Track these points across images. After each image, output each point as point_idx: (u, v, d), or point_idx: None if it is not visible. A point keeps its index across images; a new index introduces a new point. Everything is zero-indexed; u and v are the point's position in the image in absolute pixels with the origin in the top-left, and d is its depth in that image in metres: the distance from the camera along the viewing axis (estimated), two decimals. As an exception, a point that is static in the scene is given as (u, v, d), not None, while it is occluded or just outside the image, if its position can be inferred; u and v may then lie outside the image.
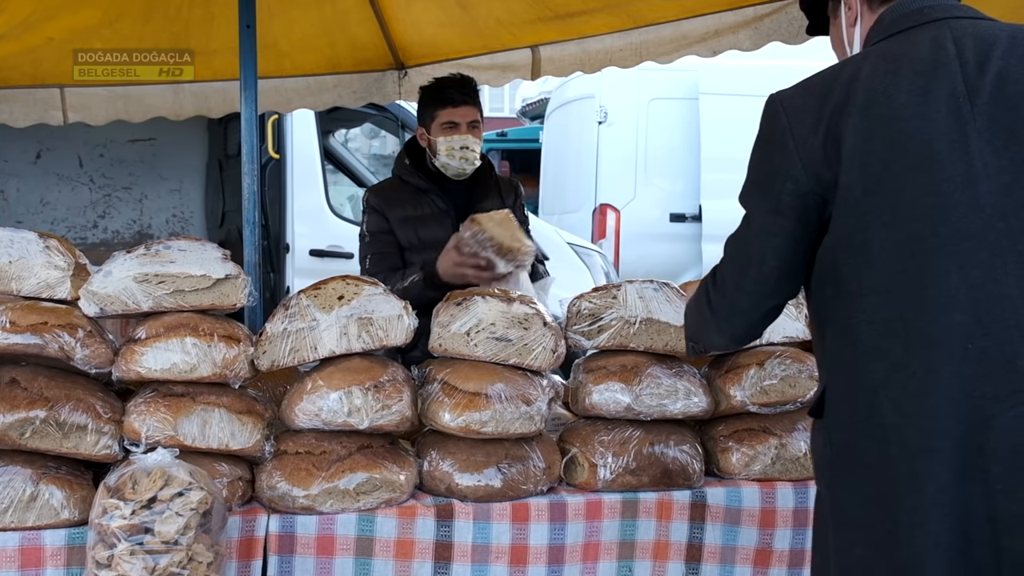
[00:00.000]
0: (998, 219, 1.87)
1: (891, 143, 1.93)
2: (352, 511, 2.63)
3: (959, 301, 1.87)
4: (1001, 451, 1.84)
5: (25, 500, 2.47)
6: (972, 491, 1.86)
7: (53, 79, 5.03)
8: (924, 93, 1.93)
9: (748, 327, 2.24)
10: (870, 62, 2.01)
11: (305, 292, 2.74)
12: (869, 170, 1.94)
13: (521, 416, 2.70)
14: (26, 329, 2.53)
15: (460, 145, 3.84)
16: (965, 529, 1.86)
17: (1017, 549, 1.84)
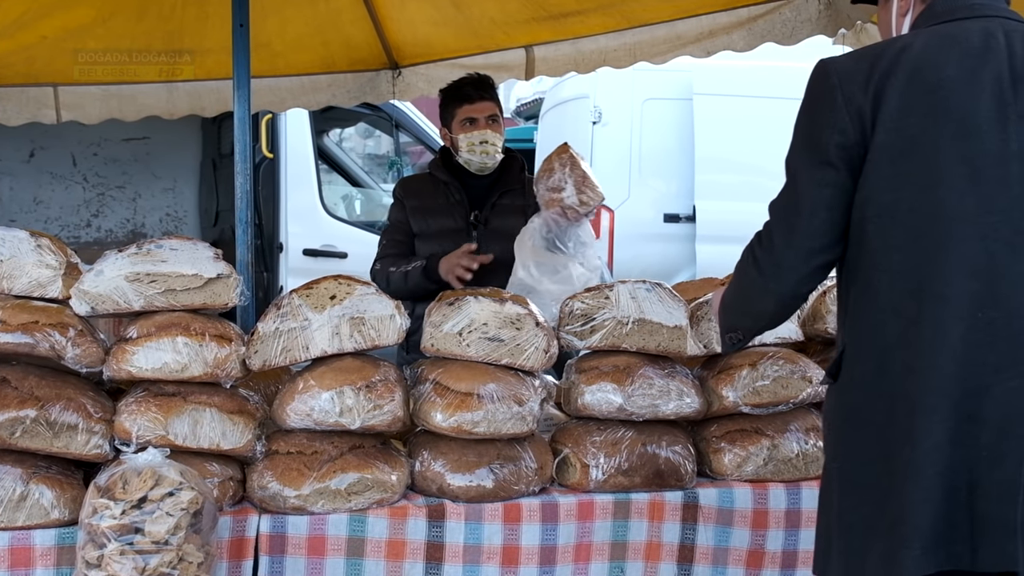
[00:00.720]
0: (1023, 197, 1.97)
1: (932, 110, 2.01)
2: (343, 511, 2.62)
3: (977, 270, 1.96)
4: (992, 419, 1.92)
5: (15, 500, 2.47)
6: (959, 454, 1.94)
7: (46, 78, 5.01)
8: (971, 71, 2.01)
9: (797, 285, 2.20)
10: (923, 38, 2.09)
11: (297, 292, 2.73)
12: (907, 133, 2.01)
13: (513, 416, 2.69)
14: (17, 328, 2.52)
15: (480, 140, 3.96)
16: (951, 488, 1.94)
17: (992, 514, 1.92)
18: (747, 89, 8.40)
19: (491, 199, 4.06)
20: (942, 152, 1.99)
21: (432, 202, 4.08)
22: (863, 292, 2.09)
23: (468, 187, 4.07)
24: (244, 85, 3.95)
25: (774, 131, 8.38)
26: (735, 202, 8.41)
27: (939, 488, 1.94)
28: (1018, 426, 1.92)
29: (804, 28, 4.53)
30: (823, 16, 4.48)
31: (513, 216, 3.96)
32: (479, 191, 4.07)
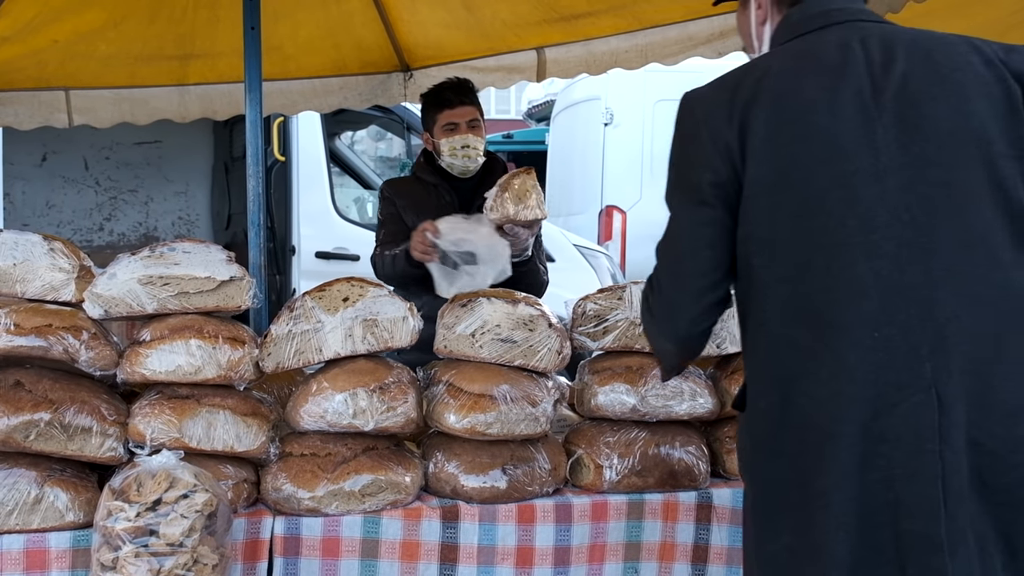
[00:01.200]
0: (903, 211, 1.92)
1: (799, 137, 1.98)
2: (357, 513, 2.62)
3: (866, 291, 1.92)
4: (904, 436, 1.88)
5: (30, 502, 2.47)
6: (873, 476, 1.90)
7: (58, 81, 5.02)
8: (832, 90, 1.98)
9: (690, 326, 2.15)
10: (779, 60, 2.07)
11: (310, 294, 2.73)
12: (778, 163, 1.98)
13: (527, 417, 2.69)
14: (31, 331, 2.53)
15: (461, 144, 3.96)
16: (866, 513, 1.90)
17: (916, 531, 1.88)
18: (758, 90, 8.39)
19: (476, 201, 3.97)
20: (815, 179, 1.96)
21: (423, 203, 4.05)
22: (758, 326, 2.05)
23: (454, 189, 4.07)
24: (256, 88, 3.96)
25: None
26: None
27: (853, 515, 1.91)
28: (927, 441, 1.87)
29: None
30: (835, 16, 4.47)
31: None
32: (465, 193, 4.07)
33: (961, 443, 1.87)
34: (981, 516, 1.89)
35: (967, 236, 1.92)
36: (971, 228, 1.92)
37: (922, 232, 1.92)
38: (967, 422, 1.87)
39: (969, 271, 1.92)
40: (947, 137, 1.94)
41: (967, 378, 1.88)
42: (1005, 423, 1.88)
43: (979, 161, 1.94)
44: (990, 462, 1.88)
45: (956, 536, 1.87)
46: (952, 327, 1.89)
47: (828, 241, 1.95)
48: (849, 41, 2.02)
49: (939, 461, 1.86)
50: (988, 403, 1.88)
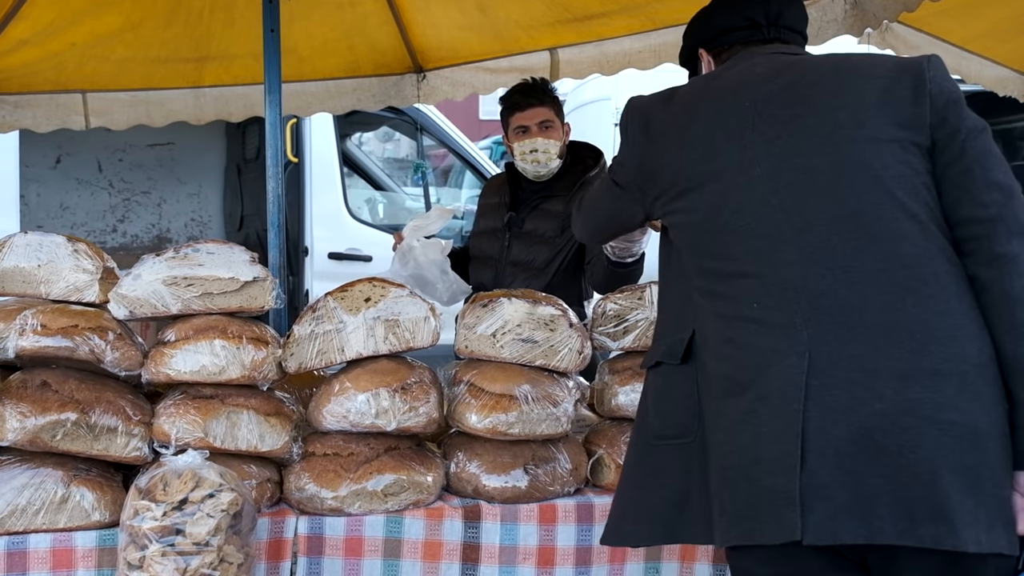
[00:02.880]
0: (771, 195, 2.14)
1: (685, 145, 2.28)
2: (380, 512, 2.64)
3: (747, 268, 2.14)
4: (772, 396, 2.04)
5: (56, 502, 2.49)
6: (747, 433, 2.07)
7: (75, 84, 5.04)
8: (723, 103, 2.27)
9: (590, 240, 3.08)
10: (691, 83, 2.44)
11: (332, 294, 2.75)
12: (677, 173, 2.30)
13: (548, 417, 2.70)
14: (57, 332, 2.55)
15: (530, 148, 3.96)
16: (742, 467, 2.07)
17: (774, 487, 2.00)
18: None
19: (533, 201, 4.05)
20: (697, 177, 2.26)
21: (489, 201, 4.21)
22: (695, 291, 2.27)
23: (524, 189, 4.10)
24: (275, 90, 3.98)
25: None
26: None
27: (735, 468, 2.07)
28: (793, 401, 1.98)
29: (830, 28, 4.52)
30: (849, 16, 4.46)
31: (550, 219, 3.97)
32: (528, 193, 4.09)
33: (838, 405, 1.97)
34: (872, 478, 1.95)
35: (837, 212, 2.08)
36: (841, 205, 2.09)
37: (792, 213, 2.12)
38: (850, 383, 1.98)
39: (840, 246, 2.07)
40: (810, 130, 2.16)
41: (849, 345, 2.00)
42: (894, 386, 1.97)
43: (844, 147, 2.12)
44: (880, 423, 1.95)
45: (814, 493, 1.95)
46: (827, 299, 2.04)
47: (715, 227, 2.21)
48: (753, 64, 2.31)
49: (800, 420, 1.98)
50: (875, 367, 1.98)
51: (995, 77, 5.23)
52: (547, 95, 4.06)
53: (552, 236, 3.97)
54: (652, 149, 2.35)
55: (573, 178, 4.05)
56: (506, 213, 4.08)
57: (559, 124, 4.04)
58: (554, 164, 3.97)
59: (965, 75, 5.18)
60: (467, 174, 10.26)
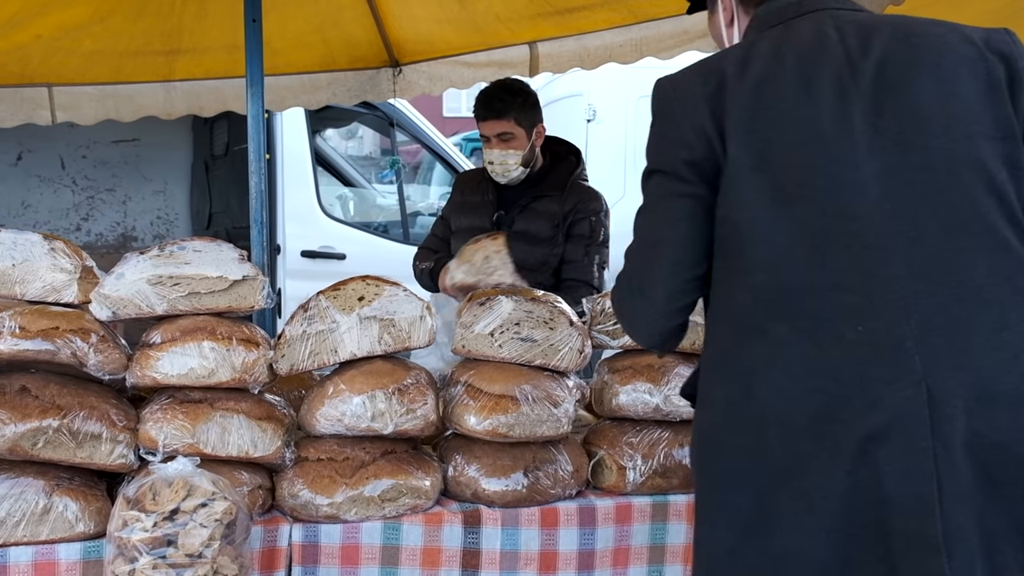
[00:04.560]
0: (884, 199, 1.85)
1: (777, 122, 1.91)
2: (377, 519, 2.54)
3: (849, 282, 1.84)
4: (892, 434, 1.79)
5: (38, 513, 2.36)
6: (862, 475, 1.81)
7: (41, 78, 4.91)
8: (809, 75, 1.92)
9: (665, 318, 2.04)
10: (756, 47, 1.99)
11: (324, 293, 2.65)
12: (756, 147, 1.91)
13: (549, 418, 2.62)
14: (37, 334, 2.43)
15: (489, 160, 3.96)
16: (852, 513, 1.82)
17: (910, 531, 1.80)
18: (742, 85, 8.37)
19: (523, 201, 3.99)
20: (793, 165, 1.89)
21: (471, 198, 4.11)
22: (726, 311, 1.96)
23: (510, 188, 4.03)
24: (257, 82, 3.88)
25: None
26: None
27: (837, 515, 1.82)
28: (920, 439, 1.78)
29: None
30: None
31: (542, 220, 3.93)
32: (515, 192, 4.03)
33: (959, 438, 1.79)
34: (991, 512, 1.82)
35: (952, 221, 1.85)
36: (956, 212, 1.85)
37: (904, 220, 1.85)
38: (967, 414, 1.79)
39: (952, 259, 1.85)
40: (926, 121, 1.88)
41: (962, 371, 1.80)
42: (1011, 413, 1.81)
43: (960, 144, 1.87)
44: (996, 455, 1.81)
45: (954, 536, 1.79)
46: (939, 319, 1.82)
47: (808, 230, 1.87)
48: (824, 28, 1.96)
49: (932, 459, 1.78)
50: (989, 394, 1.80)
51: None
52: (507, 107, 3.91)
53: (545, 237, 3.91)
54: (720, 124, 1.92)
55: (560, 176, 4.01)
56: (493, 212, 4.02)
57: (522, 132, 3.92)
58: (514, 174, 3.94)
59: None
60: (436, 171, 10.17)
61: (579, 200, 3.96)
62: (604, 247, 3.98)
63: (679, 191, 1.96)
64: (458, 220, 4.14)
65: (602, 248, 3.97)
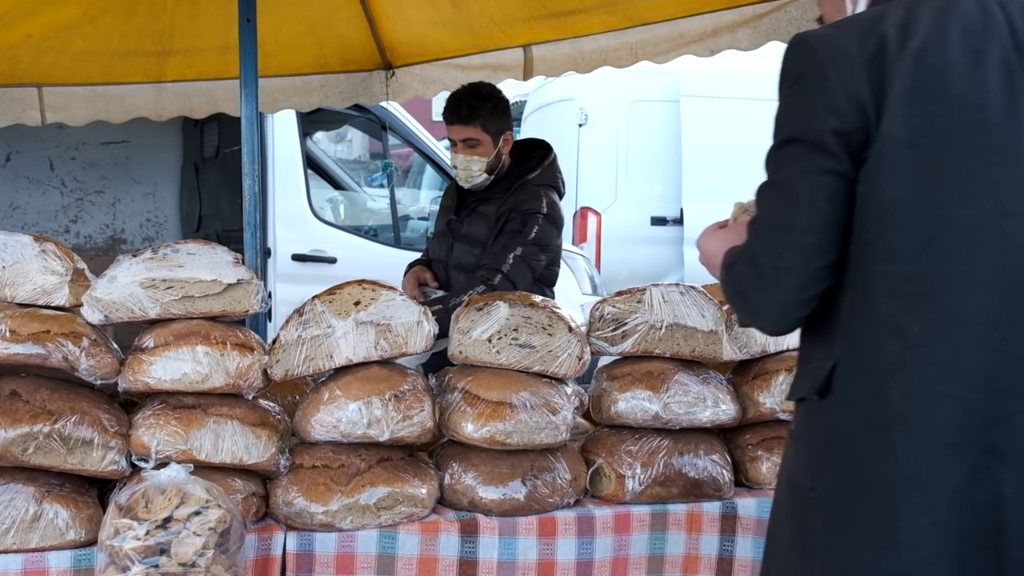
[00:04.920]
0: None
1: (941, 98, 1.75)
2: (373, 527, 2.50)
3: (991, 283, 1.72)
4: (1015, 452, 1.70)
5: (28, 520, 2.32)
6: (980, 494, 1.71)
7: (31, 78, 4.85)
8: (977, 54, 1.76)
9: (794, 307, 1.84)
10: (917, 11, 1.80)
11: (319, 297, 2.61)
12: (914, 121, 1.75)
13: (547, 426, 2.58)
14: (27, 338, 2.38)
15: (453, 164, 3.99)
16: (969, 535, 1.72)
17: (1018, 561, 1.70)
18: (735, 91, 8.37)
19: (471, 204, 3.99)
20: (954, 147, 1.73)
21: (445, 203, 4.20)
22: (858, 302, 1.80)
23: (468, 192, 4.02)
24: (252, 83, 3.83)
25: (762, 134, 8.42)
26: (723, 205, 8.32)
27: (957, 536, 1.71)
28: None
29: (810, 27, 4.46)
30: (829, 15, 4.41)
31: (482, 221, 3.90)
32: (470, 197, 4.02)
33: None
34: None
35: None
36: None
37: None
38: None
39: None
40: None
41: None
42: None
43: None
44: None
45: None
46: None
47: (958, 219, 1.72)
48: (987, 5, 1.80)
49: None
50: None
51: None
52: (473, 113, 3.85)
53: (484, 238, 3.86)
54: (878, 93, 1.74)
55: (513, 178, 3.94)
56: (451, 215, 4.07)
57: (488, 139, 3.86)
58: (477, 180, 3.91)
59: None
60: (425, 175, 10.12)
61: (518, 200, 3.83)
62: (533, 245, 3.74)
63: (822, 166, 1.78)
64: (434, 226, 4.30)
65: (529, 245, 3.73)
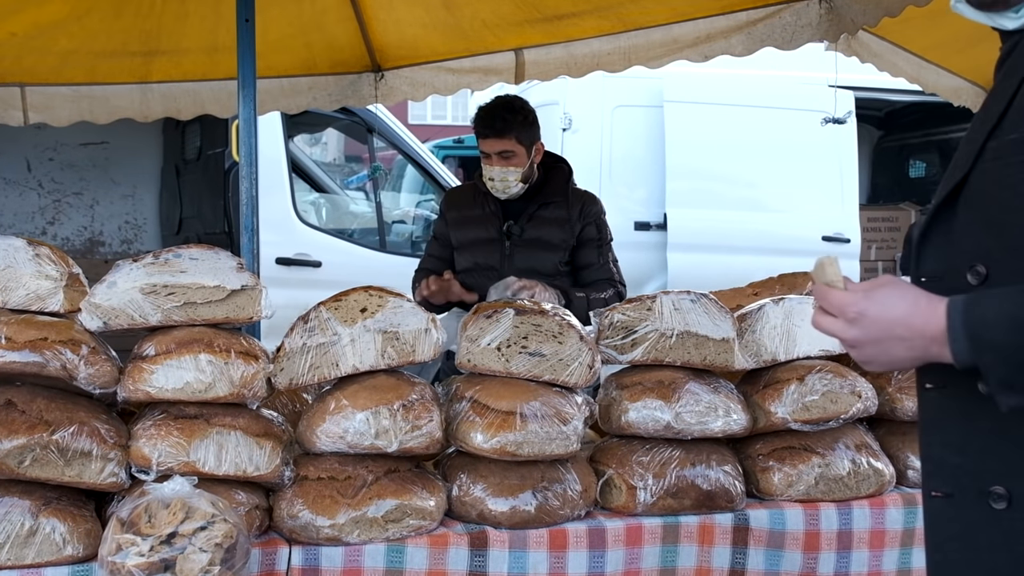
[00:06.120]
0: None
1: None
2: (380, 541, 2.43)
3: None
4: None
5: (23, 535, 2.23)
6: None
7: (13, 77, 4.74)
8: None
9: None
10: None
11: (325, 304, 2.54)
12: None
13: (558, 436, 2.52)
14: (24, 346, 2.30)
15: (489, 176, 4.00)
16: None
17: None
18: (718, 97, 8.34)
19: (529, 210, 4.06)
20: None
21: (470, 213, 4.14)
22: None
23: (513, 199, 4.06)
24: (250, 84, 3.75)
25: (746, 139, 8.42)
26: (706, 210, 8.34)
27: None
28: None
29: (804, 33, 4.44)
30: (824, 21, 4.39)
31: (551, 226, 4.03)
32: (518, 202, 4.08)
33: None
34: None
35: None
36: None
37: None
38: None
39: None
40: None
41: None
42: None
43: None
44: None
45: None
46: None
47: None
48: None
49: None
50: None
51: (950, 87, 5.23)
52: (508, 126, 3.94)
53: (557, 242, 4.03)
54: None
55: (556, 183, 4.12)
56: (499, 223, 4.07)
57: (523, 150, 3.97)
58: (514, 190, 4.00)
59: (923, 84, 5.17)
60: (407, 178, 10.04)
61: (583, 204, 4.11)
62: (610, 243, 4.18)
63: None
64: (462, 234, 4.17)
65: (610, 245, 4.18)
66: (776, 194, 8.42)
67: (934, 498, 1.70)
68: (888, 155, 10.91)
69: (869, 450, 2.79)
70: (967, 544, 1.64)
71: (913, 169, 10.77)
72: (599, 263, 4.11)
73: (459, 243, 4.17)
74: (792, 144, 8.35)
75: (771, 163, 8.36)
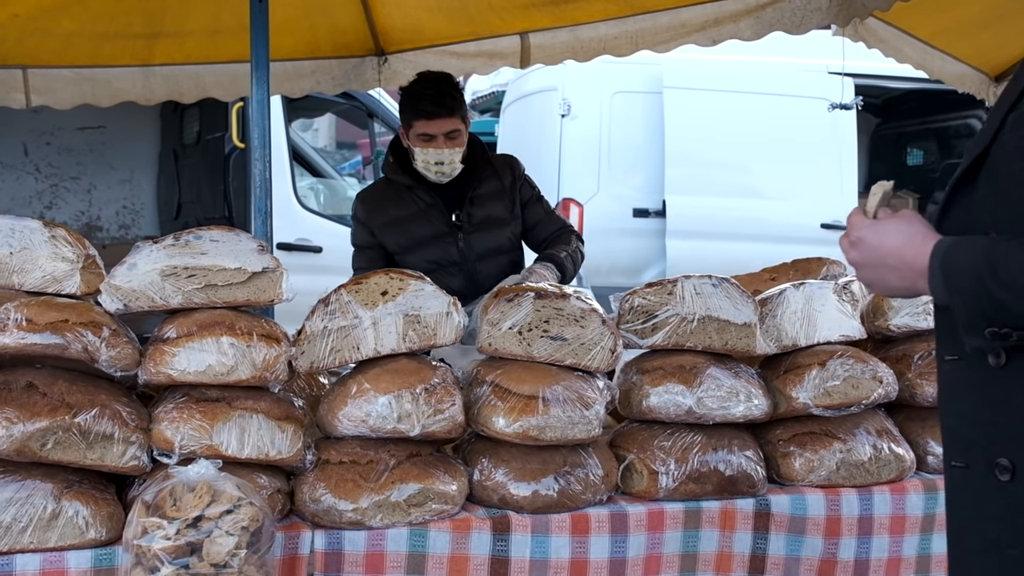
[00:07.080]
0: None
1: None
2: (403, 525, 2.41)
3: None
4: None
5: (46, 518, 2.21)
6: None
7: (15, 59, 4.68)
8: None
9: None
10: None
11: (346, 287, 2.52)
12: None
13: (580, 420, 2.50)
14: (45, 328, 2.27)
15: (435, 160, 3.75)
16: None
17: None
18: (718, 83, 8.32)
19: (466, 192, 3.85)
20: None
21: (401, 212, 3.85)
22: None
23: (434, 186, 3.84)
24: (263, 66, 3.72)
25: (745, 125, 8.41)
26: (705, 197, 8.33)
27: None
28: None
29: (814, 17, 4.42)
30: (834, 5, 4.36)
31: (494, 201, 3.88)
32: (446, 188, 3.85)
33: None
34: None
35: None
36: None
37: None
38: None
39: None
40: None
41: None
42: None
43: None
44: None
45: None
46: None
47: None
48: None
49: None
50: None
51: (955, 73, 5.21)
52: (457, 104, 3.75)
53: (505, 216, 3.89)
54: None
55: (479, 158, 3.91)
56: (443, 214, 3.85)
57: (464, 127, 3.79)
58: (457, 170, 3.80)
59: (928, 70, 5.15)
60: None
61: (511, 168, 3.98)
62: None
63: None
64: (402, 237, 3.87)
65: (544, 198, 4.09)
66: (775, 181, 8.40)
67: (953, 468, 1.73)
68: (886, 143, 10.91)
69: (890, 435, 2.79)
70: (978, 514, 1.68)
71: (911, 157, 10.76)
72: (547, 215, 4.02)
73: (402, 247, 3.85)
74: (791, 131, 8.34)
75: (770, 150, 8.34)
